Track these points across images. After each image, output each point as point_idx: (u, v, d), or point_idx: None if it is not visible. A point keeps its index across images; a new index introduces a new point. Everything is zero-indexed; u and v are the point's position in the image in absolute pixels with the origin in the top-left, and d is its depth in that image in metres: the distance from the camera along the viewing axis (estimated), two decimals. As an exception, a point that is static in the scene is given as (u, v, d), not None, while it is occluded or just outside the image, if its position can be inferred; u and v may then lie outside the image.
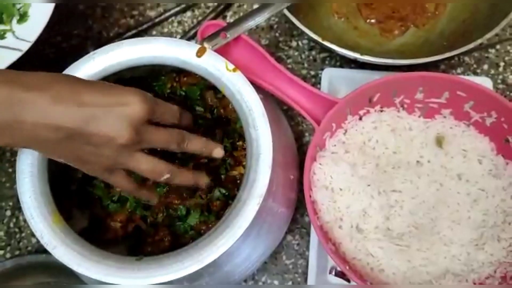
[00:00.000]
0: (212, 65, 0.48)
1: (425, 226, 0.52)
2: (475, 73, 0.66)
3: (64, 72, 0.49)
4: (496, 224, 0.52)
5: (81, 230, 0.52)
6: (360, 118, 0.56)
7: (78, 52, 0.69)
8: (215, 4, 0.71)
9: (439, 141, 0.55)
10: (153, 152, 0.45)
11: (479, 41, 0.55)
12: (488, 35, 0.55)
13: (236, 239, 0.43)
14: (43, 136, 0.39)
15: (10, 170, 0.66)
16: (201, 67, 0.49)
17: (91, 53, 0.49)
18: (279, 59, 0.68)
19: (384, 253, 0.51)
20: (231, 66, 0.48)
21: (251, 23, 0.53)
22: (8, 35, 0.60)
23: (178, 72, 0.56)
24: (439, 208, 0.52)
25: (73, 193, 0.53)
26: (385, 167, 0.54)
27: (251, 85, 0.48)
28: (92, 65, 0.49)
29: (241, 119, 0.48)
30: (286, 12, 0.56)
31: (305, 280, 0.57)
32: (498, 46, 0.67)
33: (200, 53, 0.48)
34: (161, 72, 0.57)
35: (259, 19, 0.53)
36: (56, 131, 0.39)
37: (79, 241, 0.44)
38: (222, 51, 0.51)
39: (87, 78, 0.49)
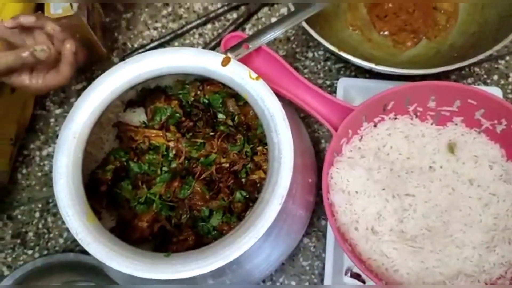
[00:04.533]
0: (237, 74, 0.51)
1: (438, 228, 0.54)
2: (485, 83, 0.68)
3: (96, 80, 0.52)
4: (507, 227, 0.53)
5: (109, 230, 0.55)
6: (375, 125, 0.58)
7: (104, 62, 0.73)
8: (235, 16, 0.74)
9: (451, 148, 0.57)
10: None
11: (488, 52, 0.57)
12: (497, 47, 0.57)
13: (258, 237, 0.45)
14: None
15: (39, 174, 0.69)
16: (226, 76, 0.51)
17: (122, 62, 0.52)
18: (296, 69, 0.70)
19: (399, 254, 0.52)
20: (254, 75, 0.51)
21: (272, 35, 0.56)
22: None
23: (202, 81, 0.59)
24: (451, 211, 0.54)
25: (102, 195, 0.56)
26: (399, 172, 0.56)
27: (273, 93, 0.50)
28: (124, 73, 0.52)
29: (263, 124, 0.50)
30: (304, 24, 0.59)
31: (321, 281, 0.59)
32: (507, 57, 0.69)
33: (225, 62, 0.51)
34: (185, 81, 0.60)
35: (279, 31, 0.56)
36: None
37: (111, 238, 0.47)
38: (244, 61, 0.53)
39: (117, 87, 0.52)
